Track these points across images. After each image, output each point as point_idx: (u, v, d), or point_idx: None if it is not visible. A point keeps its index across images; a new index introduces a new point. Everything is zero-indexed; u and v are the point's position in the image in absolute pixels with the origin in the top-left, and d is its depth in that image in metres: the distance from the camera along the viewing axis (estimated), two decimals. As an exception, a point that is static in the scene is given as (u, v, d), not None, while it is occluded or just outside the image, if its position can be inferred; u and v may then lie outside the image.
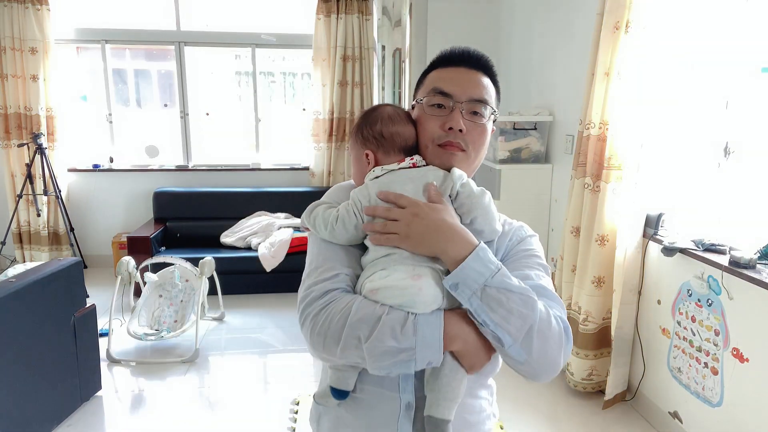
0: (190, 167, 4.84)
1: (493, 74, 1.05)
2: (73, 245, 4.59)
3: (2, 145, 4.40)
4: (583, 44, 2.86)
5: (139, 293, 3.52)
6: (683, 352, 2.38)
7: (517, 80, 4.09)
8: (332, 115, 4.58)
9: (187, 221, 4.51)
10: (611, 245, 2.58)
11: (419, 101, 1.04)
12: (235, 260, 4.08)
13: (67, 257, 3.58)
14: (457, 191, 0.98)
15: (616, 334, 2.63)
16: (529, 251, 1.03)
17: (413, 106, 1.07)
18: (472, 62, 1.03)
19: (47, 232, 4.51)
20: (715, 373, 2.20)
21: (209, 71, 5.34)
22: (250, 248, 4.22)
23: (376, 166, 1.02)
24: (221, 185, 4.74)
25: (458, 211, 0.98)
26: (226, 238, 4.36)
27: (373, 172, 1.01)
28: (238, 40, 4.73)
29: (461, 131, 0.98)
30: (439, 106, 1.00)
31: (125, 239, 4.07)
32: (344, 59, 4.50)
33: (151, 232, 4.15)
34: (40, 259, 4.47)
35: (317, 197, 1.08)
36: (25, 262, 4.32)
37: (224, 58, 5.39)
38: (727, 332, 2.13)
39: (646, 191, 2.52)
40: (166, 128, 4.95)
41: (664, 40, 2.37)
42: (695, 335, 2.30)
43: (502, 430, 2.54)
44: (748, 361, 2.04)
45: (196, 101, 4.82)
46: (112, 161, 4.71)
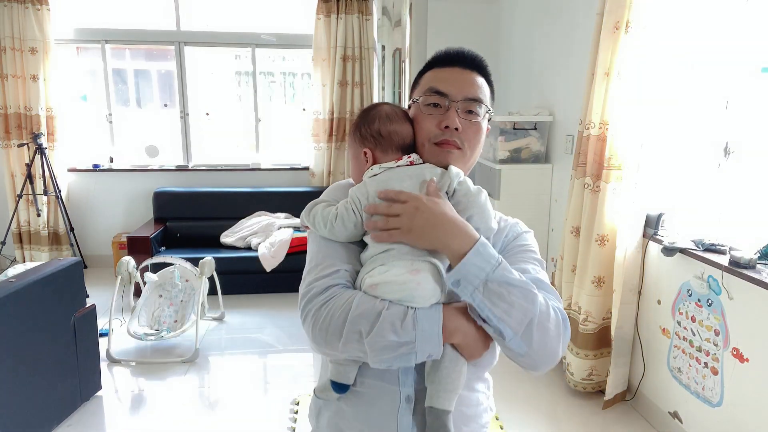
0: (190, 167, 4.84)
1: (487, 74, 1.07)
2: (73, 245, 4.59)
3: (2, 145, 4.40)
4: (583, 44, 2.86)
5: (139, 293, 3.52)
6: (683, 352, 2.38)
7: (517, 80, 4.09)
8: (332, 115, 4.59)
9: (187, 221, 4.51)
10: (611, 245, 2.58)
11: (415, 101, 1.06)
12: (235, 260, 4.08)
13: (67, 257, 3.58)
14: (454, 189, 0.99)
15: (616, 334, 2.63)
16: (524, 246, 1.05)
17: (410, 105, 1.09)
18: (466, 62, 1.05)
19: (47, 232, 4.51)
20: (715, 373, 2.20)
21: (209, 71, 5.33)
22: (250, 248, 4.22)
23: (374, 164, 1.03)
24: (221, 185, 4.74)
25: (455, 208, 0.99)
26: (226, 238, 4.37)
27: (371, 170, 1.03)
28: (238, 40, 4.73)
29: (457, 129, 1.01)
30: (435, 105, 1.02)
31: (125, 239, 4.07)
32: (344, 59, 4.50)
33: (151, 232, 4.15)
34: (40, 259, 4.47)
35: (317, 197, 1.09)
36: (25, 262, 4.33)
37: (224, 58, 5.39)
38: (727, 332, 2.13)
39: (646, 191, 2.52)
40: (166, 128, 4.95)
41: (664, 40, 2.37)
42: (695, 335, 2.30)
43: (502, 430, 2.54)
44: (748, 361, 2.05)
45: (196, 101, 4.82)
46: (112, 161, 4.72)
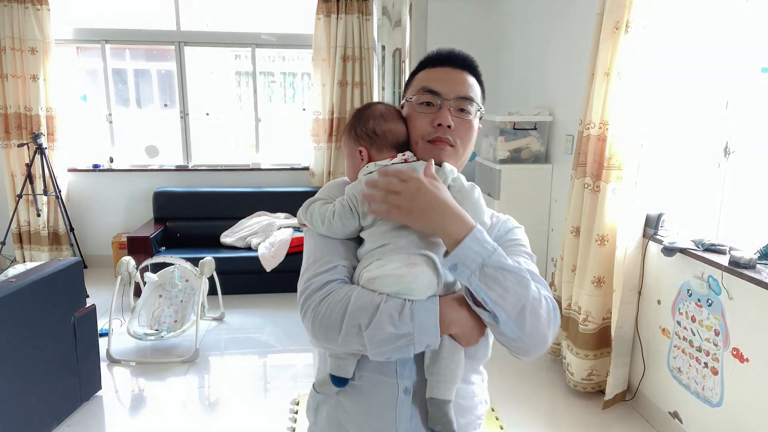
0: (190, 167, 4.84)
1: (477, 74, 1.10)
2: (73, 245, 4.59)
3: (2, 145, 4.40)
4: (583, 44, 2.86)
5: (139, 293, 3.52)
6: (683, 352, 2.38)
7: (517, 80, 4.09)
8: (332, 115, 4.59)
9: (187, 221, 4.51)
10: (611, 245, 2.58)
11: (409, 100, 1.09)
12: (235, 260, 4.08)
13: (67, 257, 3.58)
14: (449, 185, 1.01)
15: (616, 334, 2.63)
16: (515, 241, 1.08)
17: (403, 104, 1.11)
18: (458, 62, 1.08)
19: (47, 232, 4.51)
20: (715, 373, 2.20)
21: (209, 71, 5.34)
22: (250, 248, 4.22)
23: (369, 162, 1.05)
24: (221, 185, 4.74)
25: None
26: (226, 238, 4.37)
27: (366, 168, 1.04)
28: (238, 40, 4.73)
29: (450, 127, 1.03)
30: (428, 104, 1.05)
31: (125, 239, 4.07)
32: (344, 59, 4.50)
33: (151, 232, 4.15)
34: (40, 259, 4.47)
35: (316, 197, 1.09)
36: (25, 262, 4.32)
37: (224, 58, 5.39)
38: (727, 332, 2.13)
39: (646, 191, 2.52)
40: (166, 128, 4.95)
41: (664, 40, 2.37)
42: (695, 335, 2.30)
43: (501, 430, 2.54)
44: (748, 361, 2.05)
45: (196, 101, 4.82)
46: (112, 161, 4.72)
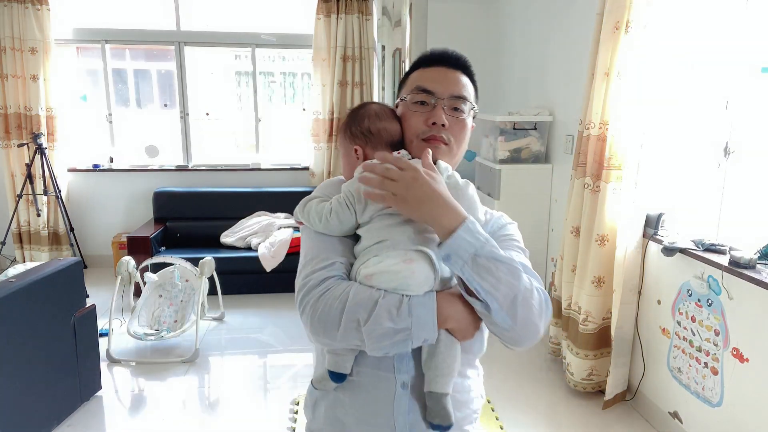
0: (190, 167, 4.84)
1: (471, 73, 1.12)
2: (73, 245, 4.59)
3: (2, 145, 4.40)
4: (582, 44, 2.86)
5: (139, 293, 3.52)
6: (683, 352, 2.38)
7: (517, 80, 4.09)
8: (332, 115, 4.59)
9: (187, 221, 4.51)
10: (611, 245, 2.58)
11: (403, 99, 1.10)
12: (235, 260, 4.08)
13: (67, 257, 3.58)
14: (444, 182, 1.01)
15: (616, 334, 2.63)
16: (508, 236, 1.09)
17: (397, 104, 1.13)
18: (451, 62, 1.10)
19: (47, 232, 4.51)
20: (715, 373, 2.20)
21: (209, 71, 5.34)
22: (250, 248, 4.22)
23: (365, 160, 1.05)
24: (221, 185, 4.75)
25: None
26: (226, 238, 4.37)
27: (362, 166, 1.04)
28: (238, 40, 4.73)
29: (444, 126, 1.05)
30: (422, 103, 1.07)
31: (125, 239, 4.07)
32: (344, 59, 4.50)
33: (151, 232, 4.15)
34: (40, 259, 4.47)
35: (315, 196, 1.10)
36: (25, 262, 4.32)
37: (224, 58, 5.39)
38: (727, 332, 2.13)
39: (646, 191, 2.52)
40: (166, 128, 4.95)
41: (664, 40, 2.37)
42: (695, 335, 2.30)
43: (501, 430, 2.54)
44: (748, 361, 2.05)
45: (196, 101, 4.82)
46: (112, 161, 4.72)
